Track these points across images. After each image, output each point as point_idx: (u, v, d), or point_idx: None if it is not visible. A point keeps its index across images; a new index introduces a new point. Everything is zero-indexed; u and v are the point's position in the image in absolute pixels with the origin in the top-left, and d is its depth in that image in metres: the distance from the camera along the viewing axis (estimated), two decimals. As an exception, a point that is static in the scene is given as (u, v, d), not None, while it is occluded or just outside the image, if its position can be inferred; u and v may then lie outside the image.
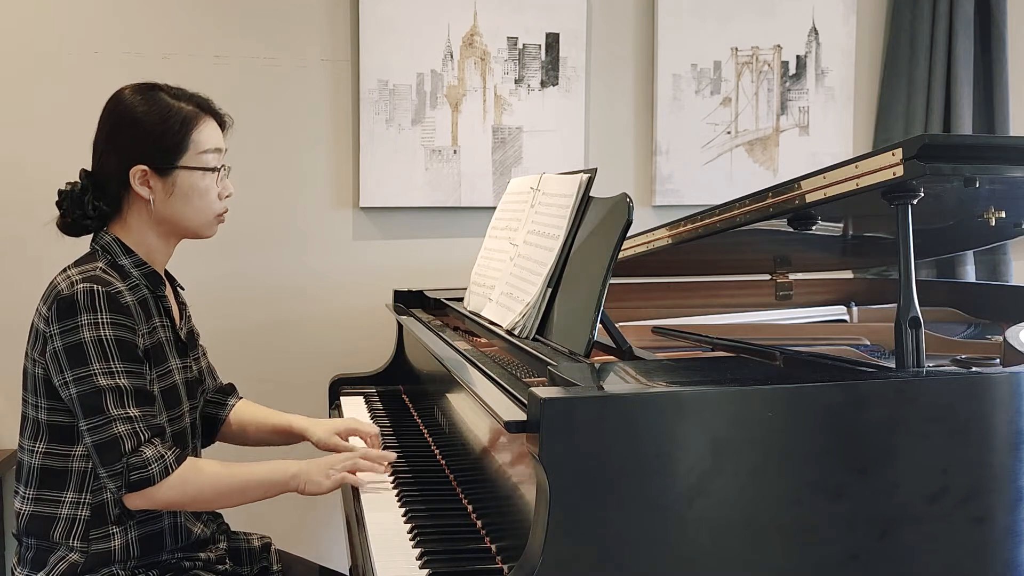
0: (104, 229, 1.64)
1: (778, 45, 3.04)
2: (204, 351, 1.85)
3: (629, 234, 1.54)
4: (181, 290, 1.80)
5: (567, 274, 1.62)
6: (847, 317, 2.49)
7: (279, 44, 2.73)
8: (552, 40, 2.88)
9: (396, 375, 2.51)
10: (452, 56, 2.81)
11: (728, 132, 3.03)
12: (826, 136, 3.09)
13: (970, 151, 1.29)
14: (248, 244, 2.72)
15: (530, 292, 1.67)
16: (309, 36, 2.75)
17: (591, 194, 1.68)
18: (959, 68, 3.02)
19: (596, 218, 1.61)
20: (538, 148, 2.89)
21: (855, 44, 3.09)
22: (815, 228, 1.66)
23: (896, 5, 3.08)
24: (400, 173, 2.80)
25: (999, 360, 1.68)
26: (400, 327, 2.50)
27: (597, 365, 1.38)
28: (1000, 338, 1.78)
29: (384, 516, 1.53)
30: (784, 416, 1.18)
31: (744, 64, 3.02)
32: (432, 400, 2.05)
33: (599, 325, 1.45)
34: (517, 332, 1.65)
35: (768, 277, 2.52)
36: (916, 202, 1.32)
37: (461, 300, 2.11)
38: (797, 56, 3.05)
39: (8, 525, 2.64)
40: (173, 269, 1.76)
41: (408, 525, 1.48)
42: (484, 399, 1.33)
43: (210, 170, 1.63)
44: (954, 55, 3.02)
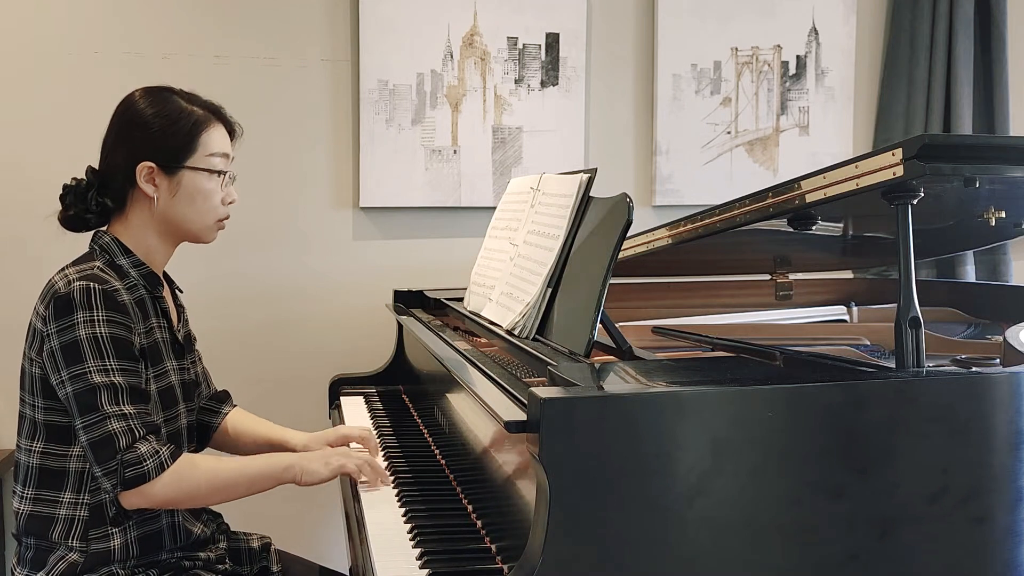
0: (104, 229, 1.64)
1: (778, 45, 3.04)
2: (199, 356, 1.85)
3: (629, 234, 1.54)
4: (180, 292, 1.80)
5: (567, 274, 1.62)
6: (847, 317, 2.48)
7: (279, 44, 2.73)
8: (552, 40, 2.88)
9: (396, 375, 2.51)
10: (452, 56, 2.81)
11: (728, 132, 3.03)
12: (826, 136, 3.09)
13: (970, 151, 1.29)
14: (248, 244, 2.72)
15: (530, 292, 1.67)
16: (309, 36, 2.75)
17: (591, 194, 1.68)
18: (959, 68, 3.02)
19: (596, 218, 1.61)
20: (538, 148, 2.89)
21: (855, 44, 3.09)
22: (815, 228, 1.66)
23: (896, 5, 3.08)
24: (400, 173, 2.80)
25: (999, 360, 1.68)
26: (400, 327, 2.50)
27: (597, 365, 1.38)
28: (1000, 338, 1.78)
29: (384, 516, 1.53)
30: (784, 416, 1.18)
31: (744, 64, 3.02)
32: (432, 400, 2.05)
33: (599, 325, 1.45)
34: (517, 332, 1.65)
35: (768, 277, 2.52)
36: (916, 202, 1.32)
37: (461, 300, 2.11)
38: (797, 56, 3.05)
39: (8, 525, 2.64)
40: (173, 268, 1.75)
41: (408, 525, 1.48)
42: (484, 399, 1.33)
43: (216, 173, 1.63)
44: (954, 55, 3.02)
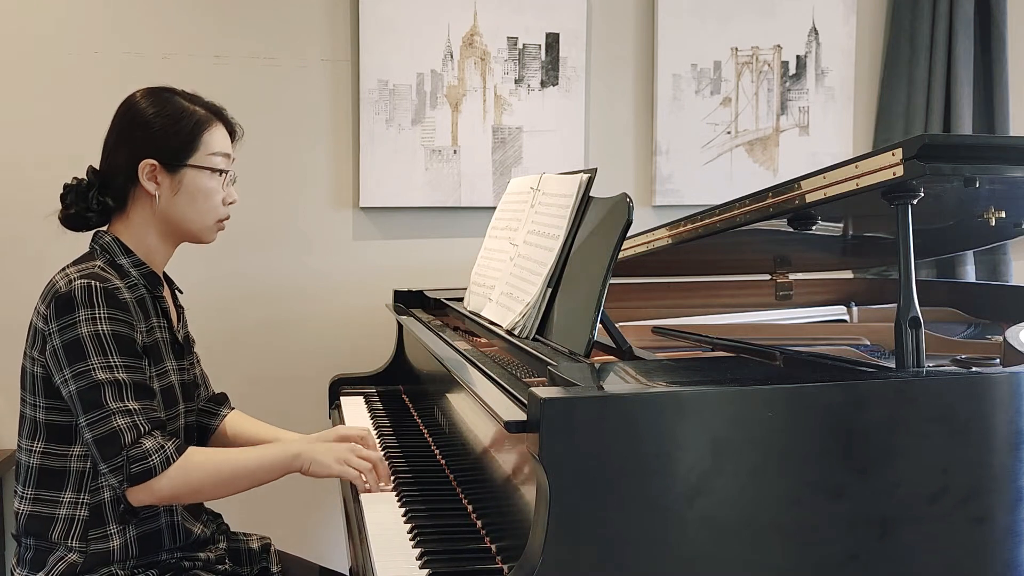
0: (104, 228, 1.64)
1: (778, 45, 3.04)
2: (198, 358, 1.85)
3: (629, 234, 1.54)
4: (179, 293, 1.80)
5: (567, 274, 1.62)
6: (847, 317, 2.48)
7: (279, 44, 2.73)
8: (552, 40, 2.88)
9: (396, 375, 2.51)
10: (452, 56, 2.81)
11: (728, 132, 3.03)
12: (826, 136, 3.09)
13: (970, 151, 1.29)
14: (248, 244, 2.72)
15: (530, 292, 1.67)
16: (309, 36, 2.75)
17: (591, 194, 1.68)
18: (959, 68, 3.02)
19: (596, 218, 1.61)
20: (538, 148, 2.89)
21: (855, 44, 3.09)
22: (815, 228, 1.66)
23: (896, 5, 3.08)
24: (400, 173, 2.80)
25: (999, 360, 1.68)
26: (400, 327, 2.50)
27: (597, 365, 1.38)
28: (1000, 338, 1.78)
29: (384, 516, 1.53)
30: (784, 416, 1.18)
31: (744, 64, 3.02)
32: (432, 400, 2.05)
33: (599, 325, 1.45)
34: (517, 332, 1.65)
35: (768, 277, 2.52)
36: (916, 202, 1.32)
37: (461, 300, 2.11)
38: (797, 56, 3.05)
39: (8, 525, 2.64)
40: (173, 269, 1.75)
41: (408, 525, 1.48)
42: (484, 399, 1.33)
43: (217, 172, 1.63)
44: (954, 55, 3.02)
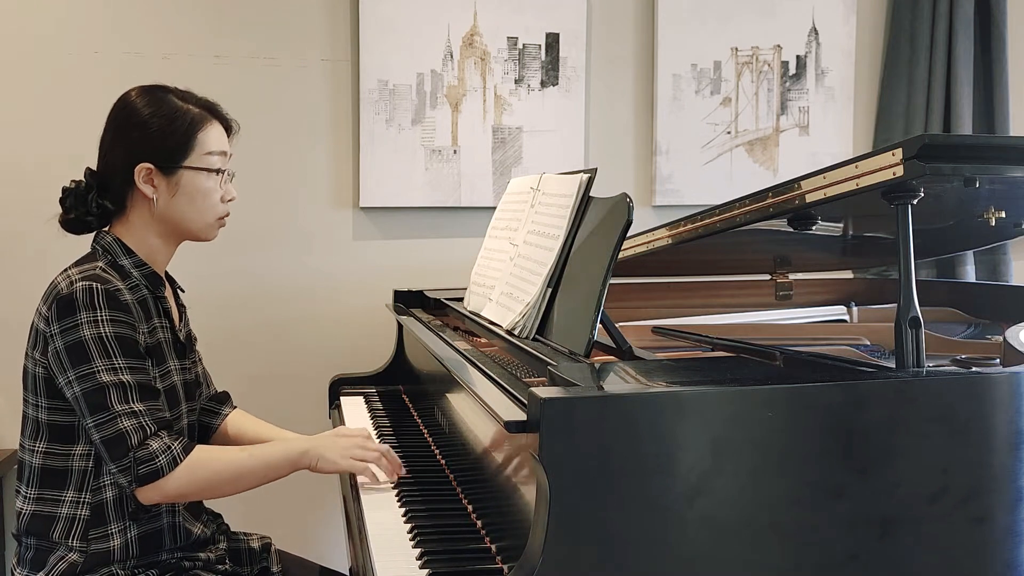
0: (106, 229, 1.64)
1: (778, 45, 3.04)
2: (200, 356, 1.85)
3: (629, 234, 1.54)
4: (181, 292, 1.80)
5: (567, 274, 1.62)
6: (847, 317, 2.48)
7: (279, 44, 2.73)
8: (552, 40, 2.88)
9: (396, 375, 2.51)
10: (452, 56, 2.81)
11: (728, 132, 3.03)
12: (826, 136, 3.09)
13: (970, 151, 1.29)
14: (248, 244, 2.72)
15: (530, 292, 1.67)
16: (309, 36, 2.75)
17: (591, 194, 1.68)
18: (959, 68, 3.02)
19: (596, 218, 1.61)
20: (538, 148, 2.89)
21: (855, 44, 3.09)
22: (815, 228, 1.66)
23: (896, 5, 3.08)
24: (400, 173, 2.80)
25: (999, 360, 1.68)
26: (400, 327, 2.50)
27: (597, 365, 1.38)
28: (1000, 338, 1.78)
29: (384, 516, 1.53)
30: (784, 416, 1.18)
31: (744, 64, 3.02)
32: (432, 400, 2.05)
33: (599, 325, 1.45)
34: (517, 332, 1.65)
35: (768, 277, 2.52)
36: (916, 202, 1.32)
37: (461, 300, 2.11)
38: (797, 56, 3.05)
39: (8, 525, 2.64)
40: (174, 268, 1.75)
41: (408, 525, 1.48)
42: (484, 399, 1.33)
43: (214, 171, 1.63)
44: (954, 55, 3.02)
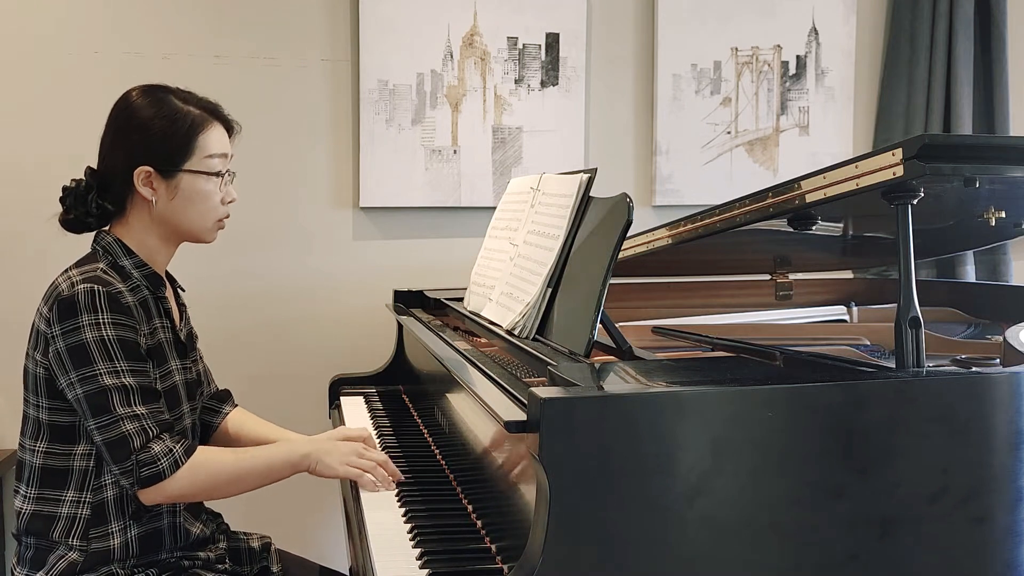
0: (106, 229, 1.64)
1: (778, 45, 3.04)
2: (200, 354, 1.85)
3: (629, 234, 1.54)
4: (182, 291, 1.80)
5: (567, 274, 1.62)
6: (847, 317, 2.48)
7: (279, 44, 2.73)
8: (552, 40, 2.88)
9: (396, 375, 2.51)
10: (452, 56, 2.81)
11: (728, 132, 3.03)
12: (826, 136, 3.09)
13: (970, 151, 1.29)
14: (248, 244, 2.72)
15: (530, 292, 1.67)
16: (309, 36, 2.75)
17: (591, 194, 1.68)
18: (959, 68, 3.02)
19: (596, 218, 1.61)
20: (538, 148, 2.89)
21: (855, 44, 3.09)
22: (815, 228, 1.66)
23: (896, 5, 3.08)
24: (400, 173, 2.80)
25: (999, 360, 1.68)
26: (400, 327, 2.50)
27: (597, 365, 1.38)
28: (1000, 338, 1.78)
29: (384, 516, 1.53)
30: (784, 416, 1.18)
31: (744, 64, 3.02)
32: (432, 400, 2.05)
33: (599, 325, 1.45)
34: (517, 332, 1.65)
35: (768, 277, 2.52)
36: (916, 202, 1.32)
37: (461, 300, 2.11)
38: (797, 56, 3.05)
39: (8, 525, 2.64)
40: (174, 267, 1.76)
41: (408, 525, 1.48)
42: (484, 399, 1.33)
43: (214, 175, 1.63)
44: (954, 55, 3.02)
